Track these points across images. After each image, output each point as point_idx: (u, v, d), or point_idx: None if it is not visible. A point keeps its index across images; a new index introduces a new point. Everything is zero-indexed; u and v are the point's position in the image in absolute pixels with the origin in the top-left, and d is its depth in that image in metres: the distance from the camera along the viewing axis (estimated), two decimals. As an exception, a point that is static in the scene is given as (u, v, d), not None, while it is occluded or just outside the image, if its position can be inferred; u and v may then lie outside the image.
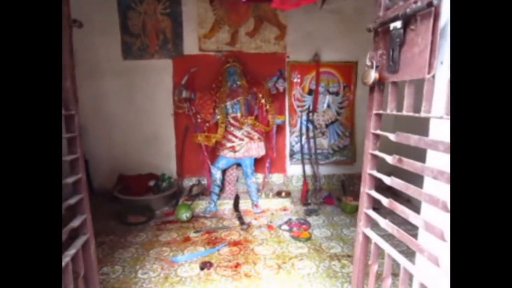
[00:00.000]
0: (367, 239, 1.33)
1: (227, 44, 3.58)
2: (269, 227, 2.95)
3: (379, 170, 1.26)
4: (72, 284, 1.11)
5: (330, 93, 3.74)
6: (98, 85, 3.54)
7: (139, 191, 3.44)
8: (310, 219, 3.11)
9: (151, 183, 3.60)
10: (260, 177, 3.76)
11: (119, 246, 2.59)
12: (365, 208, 1.32)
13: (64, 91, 1.15)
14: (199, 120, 3.36)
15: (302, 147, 3.79)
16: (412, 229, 1.22)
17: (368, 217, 1.31)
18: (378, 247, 1.23)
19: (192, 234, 2.81)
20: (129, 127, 3.71)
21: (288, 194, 3.52)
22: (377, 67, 1.19)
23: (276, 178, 3.96)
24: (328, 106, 3.77)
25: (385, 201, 1.18)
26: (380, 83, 1.22)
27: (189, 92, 3.27)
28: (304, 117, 3.77)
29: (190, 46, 3.56)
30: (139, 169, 3.70)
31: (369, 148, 1.28)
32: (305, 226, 2.91)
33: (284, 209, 3.34)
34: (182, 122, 3.65)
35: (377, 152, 1.24)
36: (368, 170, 1.29)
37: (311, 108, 3.74)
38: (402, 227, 1.12)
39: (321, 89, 3.72)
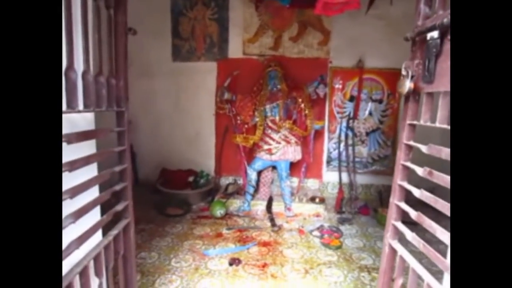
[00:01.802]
0: (393, 251, 1.29)
1: (270, 48, 3.65)
2: (300, 231, 2.95)
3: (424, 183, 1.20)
4: (113, 261, 1.25)
5: (373, 101, 3.63)
6: (148, 84, 3.84)
7: (179, 185, 3.64)
8: (342, 227, 3.05)
9: (190, 178, 3.80)
10: (295, 181, 3.77)
11: (157, 234, 2.78)
12: (393, 220, 1.29)
13: (117, 90, 1.30)
14: (238, 122, 3.47)
15: (340, 154, 3.72)
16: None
17: (395, 229, 1.28)
18: (404, 260, 1.20)
19: (224, 231, 2.91)
20: (174, 125, 3.95)
21: (322, 201, 3.48)
22: (412, 77, 1.16)
23: (312, 184, 3.93)
24: (370, 113, 3.66)
25: (413, 214, 1.15)
26: (415, 93, 1.19)
27: (230, 94, 3.40)
28: (344, 124, 3.70)
29: (235, 50, 3.70)
30: (181, 165, 3.93)
31: (401, 159, 1.25)
32: (337, 234, 2.86)
33: (317, 215, 3.31)
34: (222, 122, 3.80)
35: (408, 164, 1.21)
36: (399, 181, 1.26)
37: (351, 115, 3.67)
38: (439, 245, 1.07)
39: (363, 96, 3.62)
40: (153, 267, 2.27)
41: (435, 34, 1.01)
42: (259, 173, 3.52)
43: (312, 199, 3.50)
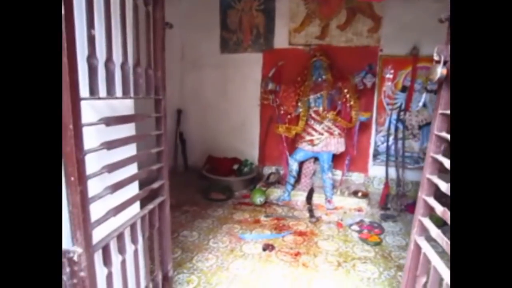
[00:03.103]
0: (419, 248, 1.22)
1: (316, 37, 3.58)
2: (338, 224, 2.89)
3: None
4: (148, 231, 1.41)
5: (428, 91, 3.33)
6: (198, 76, 4.06)
7: (223, 172, 3.82)
8: (385, 224, 2.91)
9: (235, 166, 3.96)
10: (338, 173, 3.68)
11: (199, 216, 2.98)
12: (420, 215, 1.22)
13: (156, 80, 1.43)
14: (281, 112, 3.50)
15: (388, 148, 3.52)
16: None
17: (422, 225, 1.21)
18: (427, 258, 1.13)
19: (262, 218, 3.00)
20: (221, 114, 4.13)
21: (365, 195, 3.35)
22: (445, 62, 1.08)
23: (356, 177, 3.80)
24: (424, 105, 3.38)
25: (439, 209, 1.08)
26: (448, 80, 1.10)
27: (274, 84, 3.42)
28: (394, 116, 3.47)
29: (281, 40, 3.70)
30: (226, 153, 4.10)
31: (431, 151, 1.17)
32: (377, 231, 2.75)
33: (359, 210, 3.21)
34: (267, 112, 3.85)
35: (439, 157, 1.13)
36: (427, 174, 1.18)
37: (403, 106, 3.42)
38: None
39: (417, 86, 3.35)
40: (193, 245, 2.46)
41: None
42: (301, 164, 3.52)
43: (355, 193, 3.39)
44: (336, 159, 3.53)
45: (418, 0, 2.91)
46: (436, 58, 1.10)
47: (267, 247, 2.43)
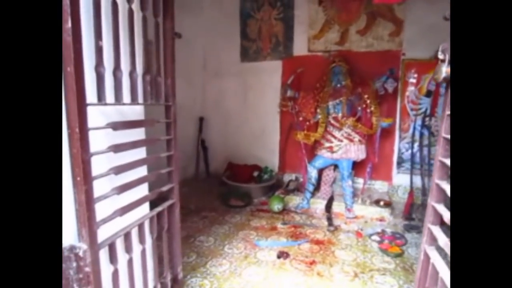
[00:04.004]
0: (428, 258, 1.16)
1: (336, 43, 3.54)
2: (358, 234, 2.79)
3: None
4: (156, 232, 1.46)
5: (456, 95, 3.15)
6: (219, 84, 4.17)
7: (243, 179, 3.85)
8: (408, 235, 2.77)
9: (255, 173, 3.97)
10: (360, 181, 3.57)
11: (217, 222, 3.02)
12: (429, 223, 1.16)
13: (166, 87, 1.50)
14: (300, 119, 3.48)
15: (413, 155, 3.36)
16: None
17: (431, 234, 1.15)
18: (436, 269, 1.07)
19: (279, 225, 2.97)
20: (241, 122, 4.19)
21: (388, 204, 3.21)
22: (451, 61, 1.03)
23: (380, 186, 3.66)
24: (451, 110, 3.20)
25: (446, 216, 1.02)
26: (455, 80, 1.05)
27: (293, 91, 3.42)
28: (419, 122, 3.32)
29: (300, 47, 3.71)
30: (247, 160, 4.14)
31: (439, 155, 1.12)
32: (399, 242, 2.62)
33: (381, 220, 3.08)
34: (286, 120, 3.85)
35: (445, 160, 1.07)
36: (436, 179, 1.13)
37: (428, 112, 3.27)
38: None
39: (442, 90, 3.19)
40: (208, 250, 2.48)
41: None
42: (321, 171, 3.46)
43: (377, 202, 3.26)
44: (357, 166, 3.43)
45: (440, 0, 2.78)
46: (441, 57, 1.06)
47: (282, 255, 2.40)
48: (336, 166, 3.40)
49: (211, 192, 3.77)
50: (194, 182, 4.22)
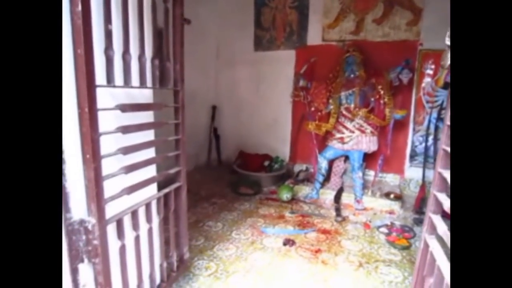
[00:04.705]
0: (427, 247, 1.16)
1: (350, 33, 3.48)
2: (366, 225, 2.79)
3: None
4: (163, 212, 1.52)
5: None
6: (232, 73, 4.18)
7: (254, 168, 3.89)
8: (417, 229, 2.73)
9: (266, 163, 4.00)
10: (371, 173, 3.53)
11: (226, 208, 3.08)
12: (431, 212, 1.15)
13: (174, 73, 1.54)
14: (312, 109, 3.45)
15: (427, 148, 3.29)
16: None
17: (432, 222, 1.14)
18: (434, 258, 1.07)
19: (287, 214, 3.00)
20: (254, 111, 4.21)
21: (398, 198, 3.18)
22: (458, 47, 1.01)
23: (391, 179, 3.61)
24: (470, 103, 3.09)
25: (446, 204, 1.01)
26: (461, 67, 1.02)
27: (306, 81, 3.39)
28: (434, 115, 3.24)
29: (314, 36, 3.66)
30: (258, 149, 4.17)
31: (443, 143, 1.10)
32: (408, 235, 2.60)
33: (390, 212, 3.05)
34: (298, 110, 3.84)
35: (449, 148, 1.06)
36: (439, 168, 1.12)
37: (444, 104, 3.17)
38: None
39: (460, 82, 3.08)
40: (216, 235, 2.55)
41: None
42: (332, 162, 3.44)
43: (387, 195, 3.23)
44: (369, 158, 3.40)
45: (461, -12, 2.67)
46: (448, 43, 1.03)
47: (288, 242, 2.44)
48: (347, 157, 3.38)
49: (222, 179, 3.84)
50: (205, 169, 4.29)
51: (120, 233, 1.23)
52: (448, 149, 1.07)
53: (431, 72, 3.20)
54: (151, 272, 1.51)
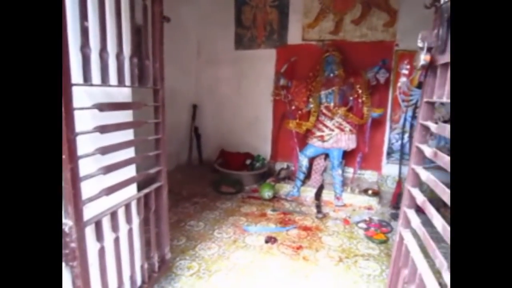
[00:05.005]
0: (402, 239, 1.21)
1: (330, 33, 3.54)
2: (345, 221, 2.86)
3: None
4: (143, 213, 1.50)
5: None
6: (214, 71, 4.16)
7: (235, 167, 3.89)
8: (394, 224, 2.84)
9: (247, 161, 4.01)
10: (350, 171, 3.63)
11: (207, 208, 3.07)
12: (405, 207, 1.21)
13: (154, 71, 1.51)
14: (293, 108, 3.49)
15: (403, 146, 3.42)
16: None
17: (407, 216, 1.19)
18: (408, 250, 1.12)
19: (269, 212, 3.03)
20: (235, 110, 4.20)
21: (376, 193, 3.28)
22: (430, 48, 1.06)
23: (369, 176, 3.72)
24: (442, 103, 3.23)
25: (420, 199, 1.06)
26: (433, 67, 1.08)
27: (286, 80, 3.43)
28: (410, 113, 3.36)
29: (294, 36, 3.70)
30: (240, 148, 4.17)
31: (416, 140, 1.16)
32: (385, 229, 2.69)
33: (369, 208, 3.14)
34: (279, 108, 3.87)
35: (421, 145, 1.11)
36: (412, 164, 1.17)
37: (419, 103, 3.29)
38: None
39: (433, 82, 3.22)
40: (198, 234, 2.53)
41: (445, -3, 0.91)
42: (312, 160, 3.50)
43: (365, 191, 3.33)
44: (348, 156, 3.48)
45: (434, -9, 2.79)
46: (420, 44, 1.08)
47: (270, 240, 2.46)
48: (327, 155, 3.44)
49: (203, 179, 3.81)
50: (187, 169, 4.25)
51: (99, 235, 1.21)
52: (421, 146, 1.13)
53: (406, 72, 3.31)
54: (132, 274, 1.49)
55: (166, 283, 1.87)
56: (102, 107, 1.17)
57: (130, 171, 1.43)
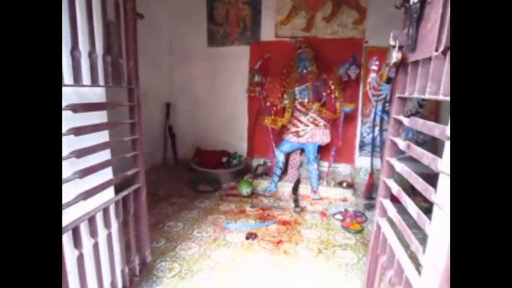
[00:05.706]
0: (379, 228, 1.27)
1: (302, 30, 3.60)
2: (322, 214, 2.95)
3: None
4: (122, 216, 1.46)
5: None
6: (186, 69, 4.09)
7: (212, 165, 3.86)
8: (369, 213, 2.97)
9: (224, 159, 3.99)
10: (325, 165, 3.73)
11: (186, 207, 3.03)
12: (381, 197, 1.27)
13: (128, 70, 1.46)
14: (267, 104, 3.52)
15: (373, 139, 3.57)
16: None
17: (383, 206, 1.26)
18: (386, 238, 1.18)
19: (248, 208, 3.05)
20: (210, 107, 4.16)
21: (350, 186, 3.41)
22: (401, 47, 1.12)
23: (343, 169, 3.85)
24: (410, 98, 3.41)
25: (395, 189, 1.12)
26: (404, 65, 1.14)
27: (261, 76, 3.44)
28: (379, 108, 3.52)
29: (267, 32, 3.72)
30: (216, 146, 4.14)
31: (390, 134, 1.22)
32: (360, 219, 2.80)
33: (344, 200, 3.26)
34: (254, 105, 3.88)
35: (396, 139, 1.17)
36: (387, 157, 1.23)
37: (388, 97, 3.46)
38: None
39: (401, 77, 3.38)
40: (177, 235, 2.50)
41: (415, -2, 0.96)
42: (288, 155, 3.56)
43: (340, 184, 3.44)
44: (323, 150, 3.58)
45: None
46: (392, 43, 1.14)
47: (250, 236, 2.48)
48: (302, 150, 3.52)
49: (179, 178, 3.75)
50: (162, 168, 4.16)
51: (77, 242, 1.16)
52: (395, 139, 1.19)
53: (375, 68, 3.46)
54: (113, 279, 1.44)
55: (148, 286, 1.83)
56: (76, 108, 1.12)
57: (107, 174, 1.38)
